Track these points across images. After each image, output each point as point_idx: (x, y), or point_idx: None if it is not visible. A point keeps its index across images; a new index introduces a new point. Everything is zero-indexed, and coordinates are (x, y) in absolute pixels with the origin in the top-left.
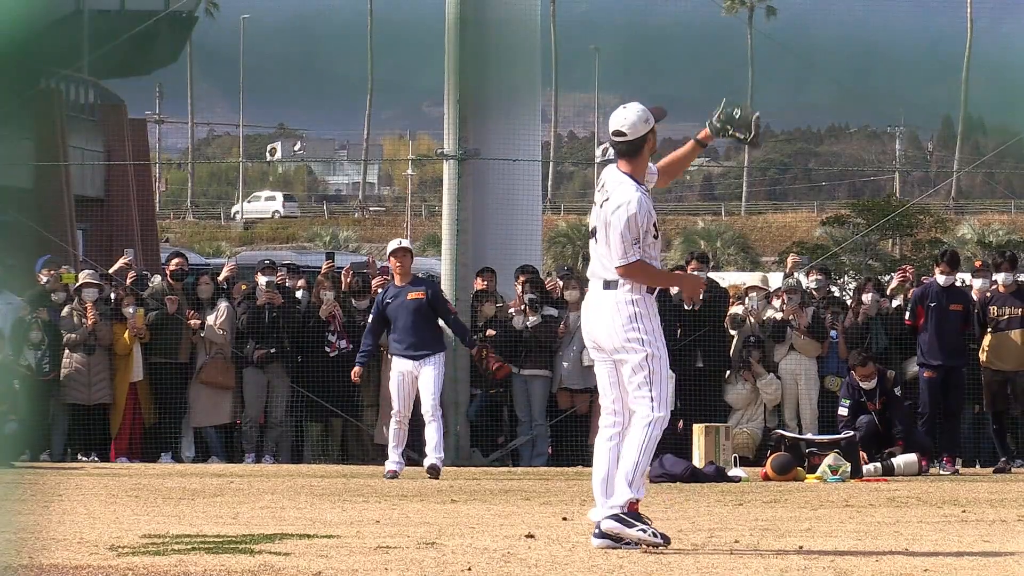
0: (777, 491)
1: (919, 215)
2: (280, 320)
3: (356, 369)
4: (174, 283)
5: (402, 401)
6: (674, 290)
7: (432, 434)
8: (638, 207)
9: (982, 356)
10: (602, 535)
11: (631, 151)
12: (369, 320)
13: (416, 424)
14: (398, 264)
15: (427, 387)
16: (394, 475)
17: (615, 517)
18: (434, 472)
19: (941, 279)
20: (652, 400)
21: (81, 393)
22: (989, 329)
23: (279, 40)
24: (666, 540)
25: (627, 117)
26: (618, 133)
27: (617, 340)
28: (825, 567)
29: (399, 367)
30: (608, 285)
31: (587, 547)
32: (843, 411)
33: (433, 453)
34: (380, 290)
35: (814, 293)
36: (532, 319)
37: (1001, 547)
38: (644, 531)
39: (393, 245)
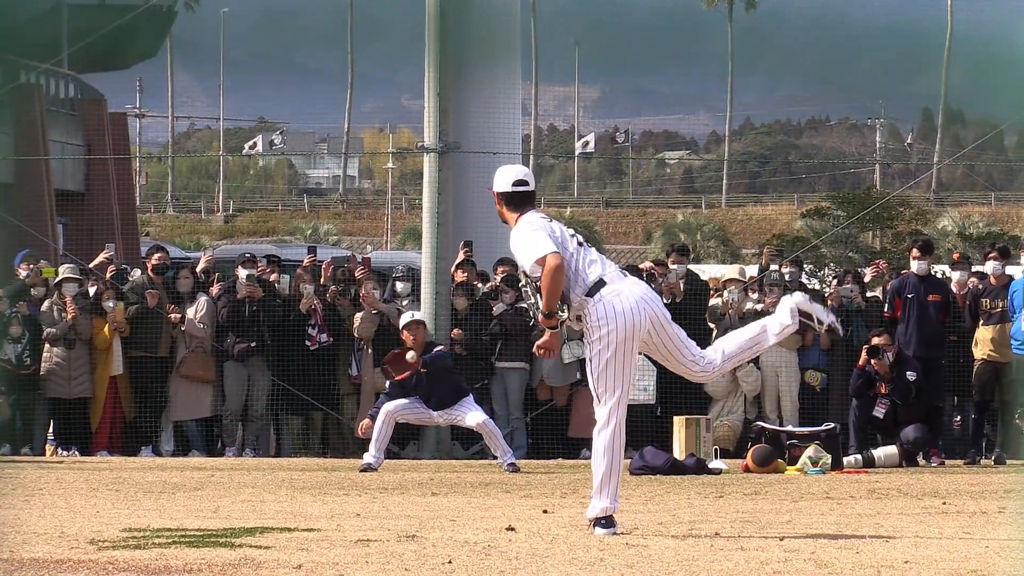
0: (758, 483)
1: (899, 207)
2: (260, 314)
3: (366, 422)
4: (155, 277)
5: (402, 410)
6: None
7: (495, 440)
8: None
9: (974, 348)
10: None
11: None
12: (387, 387)
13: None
14: (411, 338)
15: (474, 419)
16: (369, 468)
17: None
18: (513, 468)
19: (914, 265)
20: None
21: (61, 387)
22: (981, 321)
23: (259, 34)
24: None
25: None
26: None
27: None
28: (806, 559)
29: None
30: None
31: (567, 539)
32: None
33: (504, 455)
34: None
35: (788, 285)
36: (497, 307)
37: (981, 539)
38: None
39: (405, 319)
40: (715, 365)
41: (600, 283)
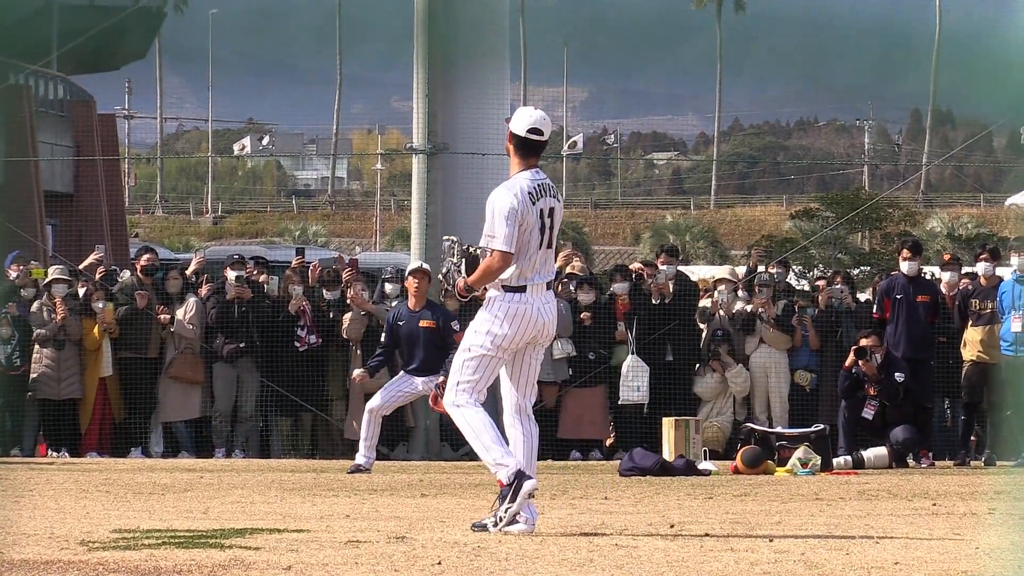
0: (747, 484)
1: (888, 208)
2: (249, 315)
3: (360, 372)
4: (144, 278)
5: (385, 402)
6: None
7: None
8: None
9: (963, 349)
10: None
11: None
12: (383, 338)
13: (387, 419)
14: (416, 285)
15: None
16: (359, 469)
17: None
18: None
19: (904, 266)
20: None
21: (51, 388)
22: (970, 322)
23: (248, 35)
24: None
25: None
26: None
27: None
28: (796, 560)
29: (403, 378)
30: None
31: (557, 541)
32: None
33: None
34: (392, 308)
35: (776, 287)
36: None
37: (972, 540)
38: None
39: (413, 265)
40: (454, 400)
41: (523, 288)
